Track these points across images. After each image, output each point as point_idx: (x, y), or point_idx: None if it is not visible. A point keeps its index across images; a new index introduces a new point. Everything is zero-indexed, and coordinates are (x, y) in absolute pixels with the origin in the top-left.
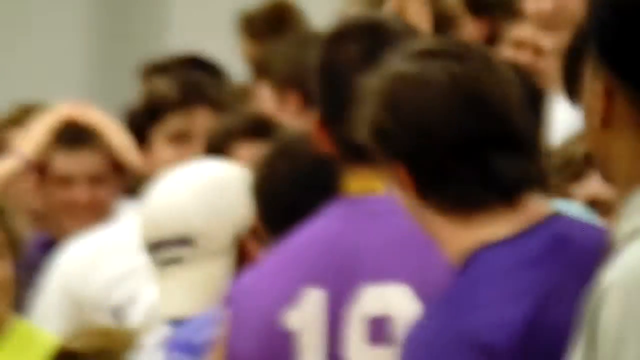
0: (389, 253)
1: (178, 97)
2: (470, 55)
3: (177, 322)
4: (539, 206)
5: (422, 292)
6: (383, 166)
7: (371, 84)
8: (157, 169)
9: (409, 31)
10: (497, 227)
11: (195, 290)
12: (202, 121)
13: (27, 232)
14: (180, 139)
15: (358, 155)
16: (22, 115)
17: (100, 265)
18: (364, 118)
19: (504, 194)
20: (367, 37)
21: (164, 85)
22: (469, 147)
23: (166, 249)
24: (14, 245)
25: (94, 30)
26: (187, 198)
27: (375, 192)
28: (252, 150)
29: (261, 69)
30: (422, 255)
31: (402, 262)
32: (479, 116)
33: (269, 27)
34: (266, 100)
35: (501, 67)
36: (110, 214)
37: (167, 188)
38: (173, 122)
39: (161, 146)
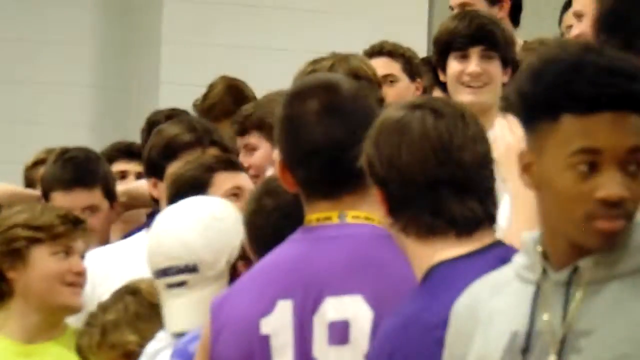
0: (345, 270)
1: (192, 139)
2: (446, 111)
3: (180, 335)
4: (485, 236)
5: (375, 302)
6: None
7: (374, 124)
8: None
9: (361, 89)
10: (450, 251)
11: (196, 309)
12: None
13: None
14: None
15: (315, 191)
16: (47, 156)
17: (110, 275)
18: (364, 150)
19: (454, 225)
20: (322, 94)
21: (179, 129)
22: (427, 185)
23: (173, 274)
24: None
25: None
26: (192, 232)
27: (331, 221)
28: (229, 180)
29: (254, 124)
30: (374, 271)
31: (357, 277)
32: (438, 162)
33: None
34: (262, 149)
35: (473, 124)
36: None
37: (174, 222)
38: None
39: None
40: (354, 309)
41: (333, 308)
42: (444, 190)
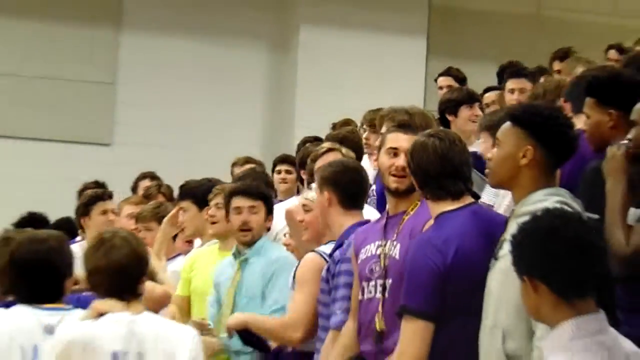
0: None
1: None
2: (446, 136)
3: None
4: (466, 200)
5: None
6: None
7: (412, 145)
8: None
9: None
10: (448, 207)
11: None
12: None
13: None
14: None
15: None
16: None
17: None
18: (409, 159)
19: (451, 194)
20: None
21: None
22: (440, 178)
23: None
24: None
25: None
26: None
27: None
28: None
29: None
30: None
31: None
32: (444, 165)
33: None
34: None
35: (459, 142)
36: None
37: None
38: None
39: None
40: None
41: None
42: (447, 179)
